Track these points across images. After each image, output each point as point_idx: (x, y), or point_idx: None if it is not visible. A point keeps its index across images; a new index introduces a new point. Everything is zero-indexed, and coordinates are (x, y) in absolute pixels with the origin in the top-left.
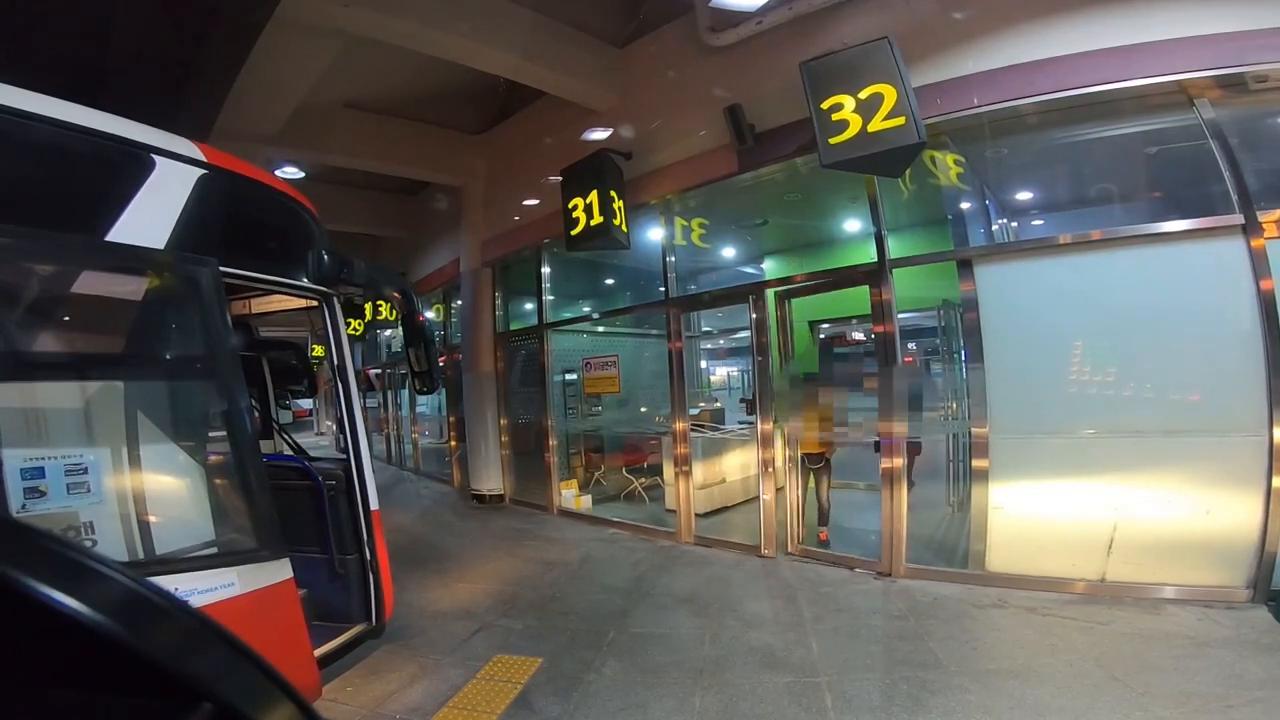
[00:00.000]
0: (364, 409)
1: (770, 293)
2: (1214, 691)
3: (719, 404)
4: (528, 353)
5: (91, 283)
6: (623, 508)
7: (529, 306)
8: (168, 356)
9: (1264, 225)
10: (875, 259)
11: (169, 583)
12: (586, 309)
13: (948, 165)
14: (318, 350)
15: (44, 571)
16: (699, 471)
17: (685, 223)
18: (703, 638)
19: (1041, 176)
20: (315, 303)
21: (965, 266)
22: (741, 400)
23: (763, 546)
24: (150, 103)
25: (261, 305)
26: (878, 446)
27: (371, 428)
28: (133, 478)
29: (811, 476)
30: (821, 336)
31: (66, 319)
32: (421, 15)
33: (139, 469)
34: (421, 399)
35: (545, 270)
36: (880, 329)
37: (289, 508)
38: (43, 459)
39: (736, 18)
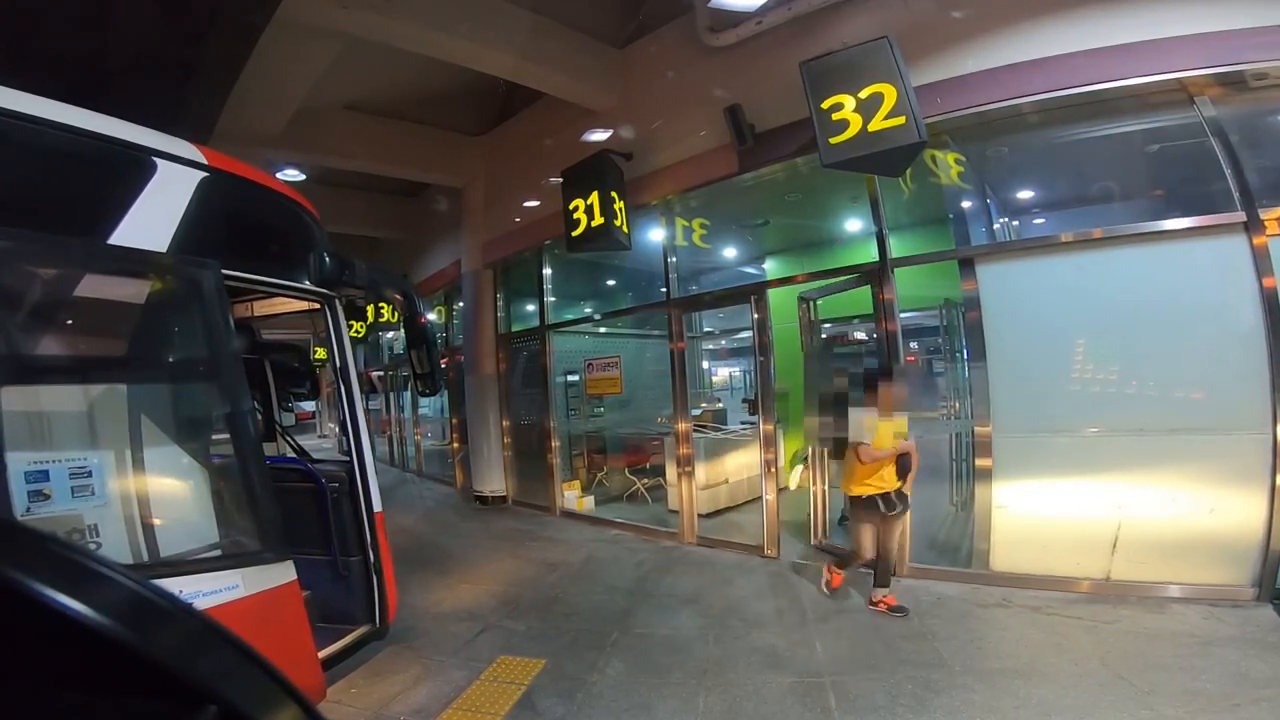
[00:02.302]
0: (366, 411)
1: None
2: (1220, 690)
3: (721, 404)
4: (529, 354)
5: (94, 286)
6: (625, 509)
7: (530, 308)
8: (171, 359)
9: (1266, 223)
10: (877, 258)
11: (173, 585)
12: (588, 310)
13: (948, 164)
14: (320, 353)
15: (48, 575)
16: (701, 472)
17: (686, 223)
18: (706, 638)
19: (1042, 175)
20: (317, 305)
21: (967, 265)
22: (744, 400)
23: (766, 547)
24: (151, 105)
25: (264, 308)
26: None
27: (374, 430)
28: (137, 481)
29: (878, 525)
30: (823, 336)
31: (70, 322)
32: (421, 17)
33: (143, 472)
34: (424, 401)
35: (546, 271)
36: (883, 328)
37: (292, 510)
38: (47, 462)
39: (736, 18)
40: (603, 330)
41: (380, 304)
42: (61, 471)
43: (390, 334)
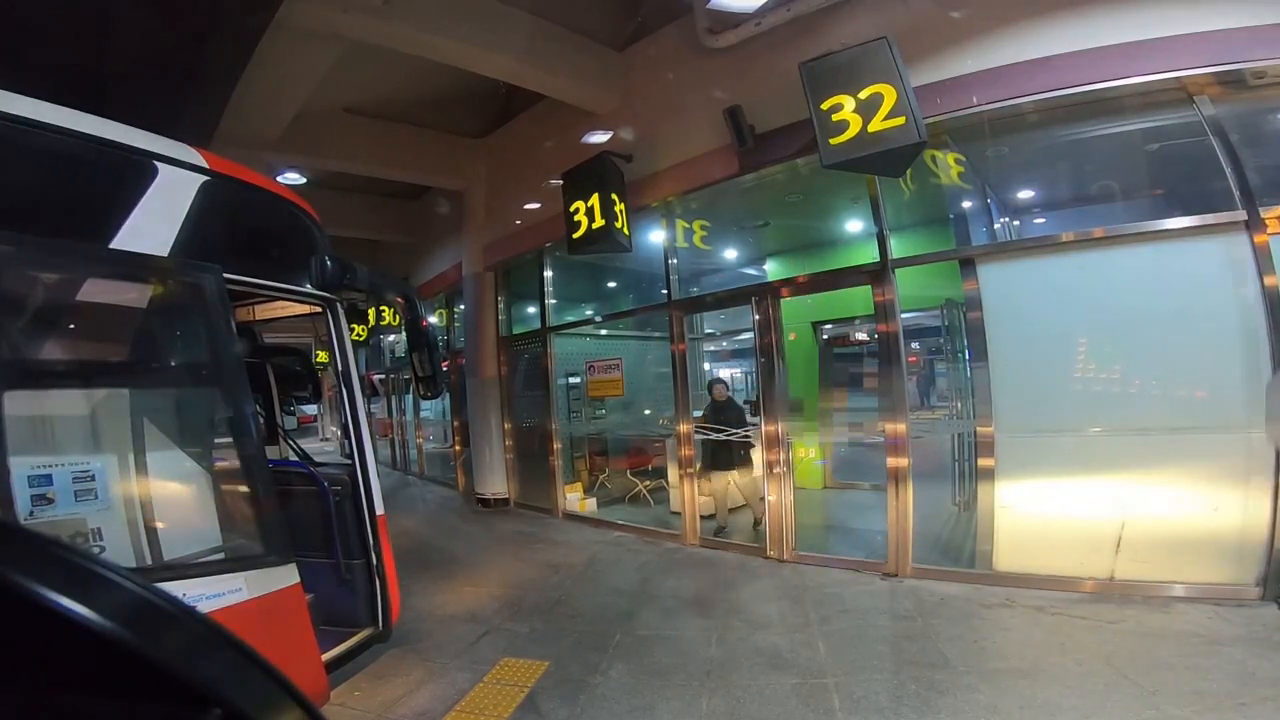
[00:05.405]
0: (368, 414)
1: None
2: (1226, 689)
3: None
4: (531, 356)
5: (96, 290)
6: (627, 510)
7: (532, 310)
8: (173, 363)
9: (1266, 221)
10: (878, 259)
11: (177, 588)
12: (589, 312)
13: (949, 164)
14: (322, 356)
15: (52, 578)
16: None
17: (687, 225)
18: (709, 639)
19: (1043, 175)
20: (319, 309)
21: (968, 265)
22: (745, 402)
23: (768, 548)
24: (152, 109)
25: (265, 311)
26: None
27: (375, 433)
28: (140, 484)
29: None
30: (824, 338)
31: (72, 326)
32: (420, 20)
33: (146, 476)
34: (425, 404)
35: (548, 274)
36: (884, 329)
37: (295, 513)
38: (50, 466)
39: (735, 19)
40: (604, 332)
41: (382, 307)
42: (64, 475)
43: (392, 337)
